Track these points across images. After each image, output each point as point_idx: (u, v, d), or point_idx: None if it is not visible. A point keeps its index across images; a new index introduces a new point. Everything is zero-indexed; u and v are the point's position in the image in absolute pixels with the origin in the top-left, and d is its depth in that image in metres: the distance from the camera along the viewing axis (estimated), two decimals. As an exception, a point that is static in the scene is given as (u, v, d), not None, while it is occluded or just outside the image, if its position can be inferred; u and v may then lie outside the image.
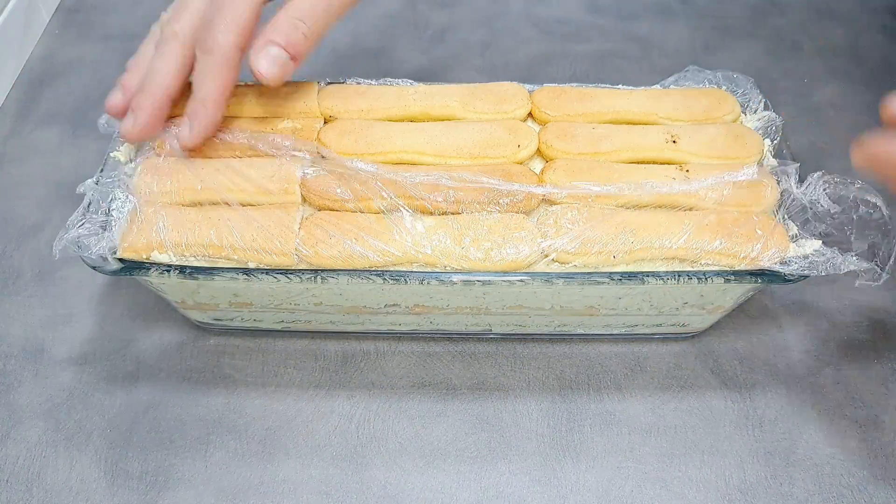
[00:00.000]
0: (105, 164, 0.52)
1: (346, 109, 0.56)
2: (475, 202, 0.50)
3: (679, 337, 0.58)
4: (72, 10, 0.86)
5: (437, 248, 0.48)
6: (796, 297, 0.60)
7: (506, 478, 0.51)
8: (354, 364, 0.56)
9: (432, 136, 0.54)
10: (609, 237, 0.48)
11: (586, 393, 0.55)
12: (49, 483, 0.50)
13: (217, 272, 0.47)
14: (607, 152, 0.54)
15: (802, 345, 0.58)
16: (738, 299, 0.53)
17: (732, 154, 0.53)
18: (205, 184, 0.50)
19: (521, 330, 0.56)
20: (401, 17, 0.85)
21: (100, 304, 0.59)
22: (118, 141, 0.53)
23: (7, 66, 0.76)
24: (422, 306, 0.52)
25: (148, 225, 0.48)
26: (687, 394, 0.55)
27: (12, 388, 0.55)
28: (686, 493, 0.50)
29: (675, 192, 0.50)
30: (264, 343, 0.57)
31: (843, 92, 0.76)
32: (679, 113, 0.57)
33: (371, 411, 0.54)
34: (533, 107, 0.57)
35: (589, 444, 0.53)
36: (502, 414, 0.54)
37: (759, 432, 0.53)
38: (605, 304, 0.52)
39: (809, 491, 0.51)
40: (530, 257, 0.48)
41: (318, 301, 0.52)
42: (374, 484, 0.51)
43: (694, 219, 0.49)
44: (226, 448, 0.52)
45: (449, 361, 0.57)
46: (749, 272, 0.48)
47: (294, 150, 0.51)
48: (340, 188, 0.50)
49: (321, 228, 0.49)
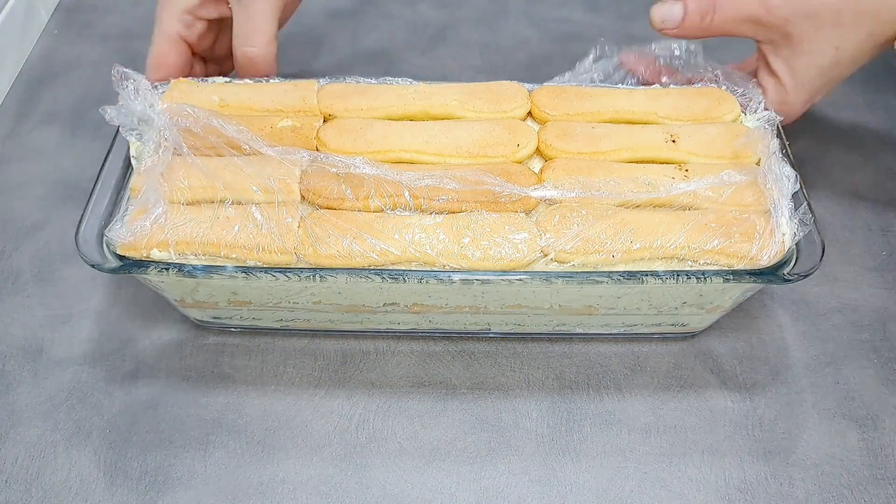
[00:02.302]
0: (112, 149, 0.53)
1: (346, 108, 0.56)
2: (474, 201, 0.50)
3: (678, 336, 0.58)
4: (71, 10, 0.86)
5: (435, 248, 0.48)
6: (796, 297, 0.60)
7: (505, 478, 0.51)
8: (354, 364, 0.56)
9: (431, 135, 0.54)
10: (608, 237, 0.48)
11: (586, 393, 0.55)
12: (48, 483, 0.50)
13: (215, 270, 0.47)
14: (606, 151, 0.54)
15: (802, 345, 0.58)
16: (737, 299, 0.52)
17: (732, 154, 0.53)
18: (204, 182, 0.50)
19: (520, 329, 0.56)
20: (401, 17, 0.85)
21: (99, 304, 0.59)
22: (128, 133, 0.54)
23: (6, 65, 0.76)
24: (421, 305, 0.52)
25: (147, 223, 0.48)
26: (687, 393, 0.55)
27: (11, 388, 0.55)
28: (686, 493, 0.50)
29: (673, 194, 0.50)
30: (263, 343, 0.57)
31: (843, 92, 0.76)
32: (679, 112, 0.57)
33: (370, 411, 0.54)
34: (532, 106, 0.57)
35: (589, 444, 0.52)
36: (502, 414, 0.54)
37: (759, 432, 0.53)
38: (603, 304, 0.52)
39: (809, 491, 0.50)
40: (529, 256, 0.48)
41: (317, 300, 0.52)
42: (374, 484, 0.50)
43: (693, 218, 0.49)
44: (225, 448, 0.52)
45: (448, 361, 0.57)
46: (748, 272, 0.48)
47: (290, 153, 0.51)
48: (339, 187, 0.50)
49: (320, 227, 0.49)
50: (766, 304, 0.60)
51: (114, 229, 0.48)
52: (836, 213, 0.66)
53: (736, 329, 0.58)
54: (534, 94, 0.58)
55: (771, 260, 0.48)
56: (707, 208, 0.50)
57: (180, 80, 0.58)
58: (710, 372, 0.56)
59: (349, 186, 0.50)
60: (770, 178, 0.51)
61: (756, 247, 0.48)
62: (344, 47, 0.82)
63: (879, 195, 0.67)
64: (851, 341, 0.58)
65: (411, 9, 0.86)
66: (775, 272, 0.48)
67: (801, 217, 0.49)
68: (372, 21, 0.85)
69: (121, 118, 0.52)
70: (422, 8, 0.86)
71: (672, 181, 0.51)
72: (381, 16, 0.85)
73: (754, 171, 0.51)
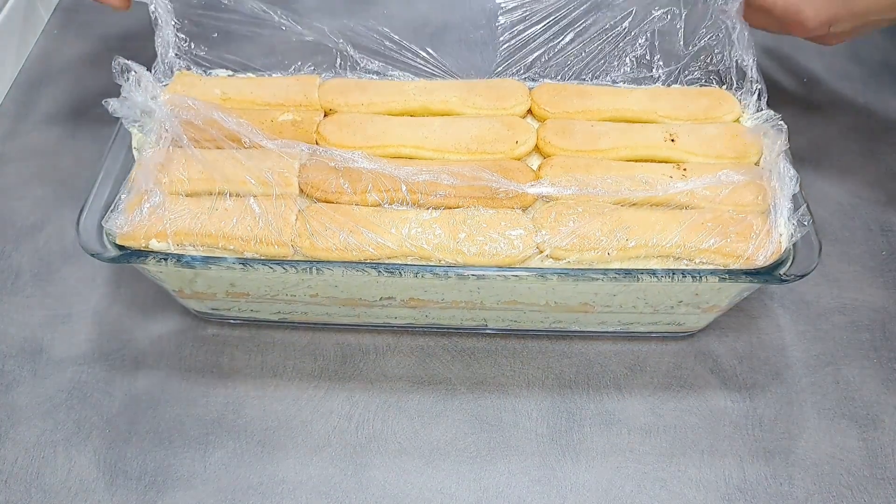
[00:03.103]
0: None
1: (346, 103, 0.57)
2: (471, 197, 0.50)
3: (676, 336, 0.58)
4: (70, 10, 0.86)
5: (432, 242, 0.48)
6: (796, 296, 0.60)
7: (505, 477, 0.51)
8: (353, 363, 0.56)
9: (431, 130, 0.54)
10: (604, 234, 0.48)
11: (585, 392, 0.55)
12: (48, 483, 0.50)
13: (213, 261, 0.47)
14: (605, 149, 0.54)
15: (802, 345, 0.58)
16: (733, 299, 0.52)
17: (731, 153, 0.53)
18: (203, 174, 0.50)
19: (517, 326, 0.56)
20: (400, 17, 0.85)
21: (98, 304, 0.59)
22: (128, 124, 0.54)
23: (6, 65, 0.76)
24: (417, 300, 0.52)
25: (146, 213, 0.48)
26: (686, 393, 0.55)
27: (11, 388, 0.55)
28: (686, 493, 0.50)
29: (670, 193, 0.50)
30: (263, 341, 0.57)
31: (843, 92, 0.76)
32: (678, 112, 0.57)
33: (370, 411, 0.54)
34: (533, 103, 0.57)
35: (588, 444, 0.52)
36: (502, 413, 0.54)
37: (759, 432, 0.53)
38: (599, 301, 0.52)
39: (809, 490, 0.50)
40: (524, 253, 0.48)
41: (314, 293, 0.52)
42: (374, 483, 0.50)
43: (689, 217, 0.49)
44: (225, 448, 0.52)
45: (448, 361, 0.57)
46: (744, 272, 0.48)
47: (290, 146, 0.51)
48: (338, 181, 0.50)
49: (317, 220, 0.49)
50: (766, 304, 0.60)
51: (111, 219, 0.48)
52: (835, 213, 0.66)
53: (736, 329, 0.58)
54: (534, 91, 0.58)
55: (767, 260, 0.48)
56: (704, 207, 0.50)
57: (183, 72, 0.59)
58: (710, 372, 0.56)
59: (347, 180, 0.50)
60: (768, 179, 0.51)
61: (752, 246, 0.48)
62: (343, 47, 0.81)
63: (879, 195, 0.67)
64: (851, 341, 0.58)
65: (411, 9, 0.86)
66: (771, 272, 0.47)
67: (800, 218, 0.48)
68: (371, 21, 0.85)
69: (123, 110, 0.52)
70: (422, 8, 0.86)
71: (670, 180, 0.51)
72: (380, 16, 0.85)
73: (753, 171, 0.51)
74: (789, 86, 0.77)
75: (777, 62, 0.80)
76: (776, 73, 0.79)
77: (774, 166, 0.52)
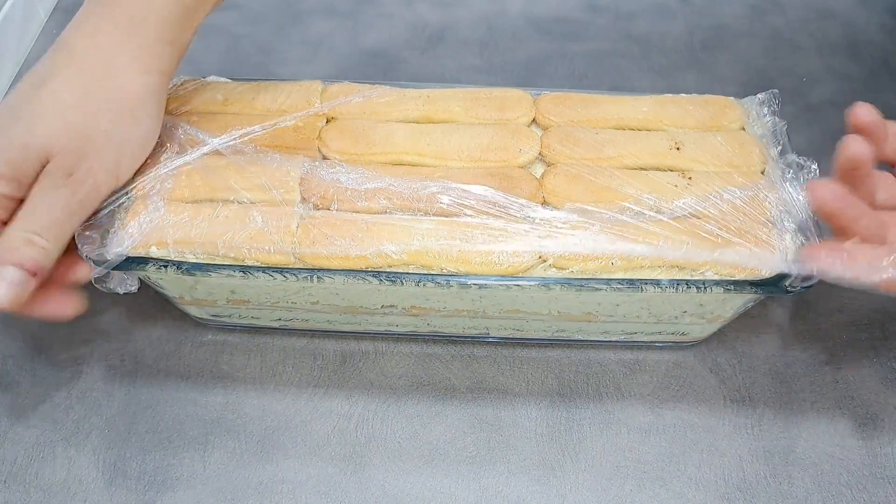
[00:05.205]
0: None
1: (348, 110, 0.56)
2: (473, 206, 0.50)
3: (681, 346, 0.57)
4: (69, 10, 0.86)
5: (434, 251, 0.48)
6: (796, 295, 0.60)
7: (505, 478, 0.51)
8: (353, 364, 0.56)
9: (434, 138, 0.54)
10: None
11: (585, 392, 0.55)
12: (47, 483, 0.50)
13: (213, 268, 0.47)
14: (610, 157, 0.53)
15: (802, 344, 0.58)
16: (737, 309, 0.52)
17: (736, 162, 0.53)
18: (205, 181, 0.50)
19: (519, 334, 0.56)
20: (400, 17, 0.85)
21: (98, 304, 0.59)
22: None
23: (5, 66, 0.76)
24: (419, 308, 0.52)
25: (147, 220, 0.48)
26: (686, 392, 0.55)
27: (10, 387, 0.55)
28: (686, 493, 0.50)
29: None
30: (263, 342, 0.57)
31: (843, 91, 0.76)
32: (684, 120, 0.56)
33: (370, 411, 0.54)
34: (537, 113, 0.57)
35: (588, 444, 0.52)
36: (501, 414, 0.54)
37: (759, 431, 0.53)
38: (603, 311, 0.52)
39: (809, 490, 0.50)
40: (527, 262, 0.48)
41: (315, 300, 0.52)
42: (373, 484, 0.50)
43: (694, 227, 0.49)
44: (224, 448, 0.52)
45: (448, 361, 0.56)
46: (749, 282, 0.47)
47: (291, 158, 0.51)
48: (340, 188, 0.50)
49: (318, 228, 0.49)
50: (766, 304, 0.60)
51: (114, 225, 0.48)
52: (835, 213, 0.65)
53: (736, 328, 0.58)
54: (538, 100, 0.57)
55: (772, 271, 0.47)
56: (708, 216, 0.50)
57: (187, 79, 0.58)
58: (710, 371, 0.56)
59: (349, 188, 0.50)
60: (773, 188, 0.50)
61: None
62: (343, 47, 0.82)
63: (879, 195, 0.67)
64: (851, 341, 0.58)
65: (411, 9, 0.86)
66: (777, 283, 0.47)
67: (805, 228, 0.48)
68: (371, 21, 0.85)
69: None
70: (421, 8, 0.86)
71: (675, 189, 0.50)
72: (380, 16, 0.85)
73: (759, 181, 0.51)
74: (789, 86, 0.77)
75: (777, 62, 0.80)
76: (776, 73, 0.79)
77: (779, 176, 0.52)
